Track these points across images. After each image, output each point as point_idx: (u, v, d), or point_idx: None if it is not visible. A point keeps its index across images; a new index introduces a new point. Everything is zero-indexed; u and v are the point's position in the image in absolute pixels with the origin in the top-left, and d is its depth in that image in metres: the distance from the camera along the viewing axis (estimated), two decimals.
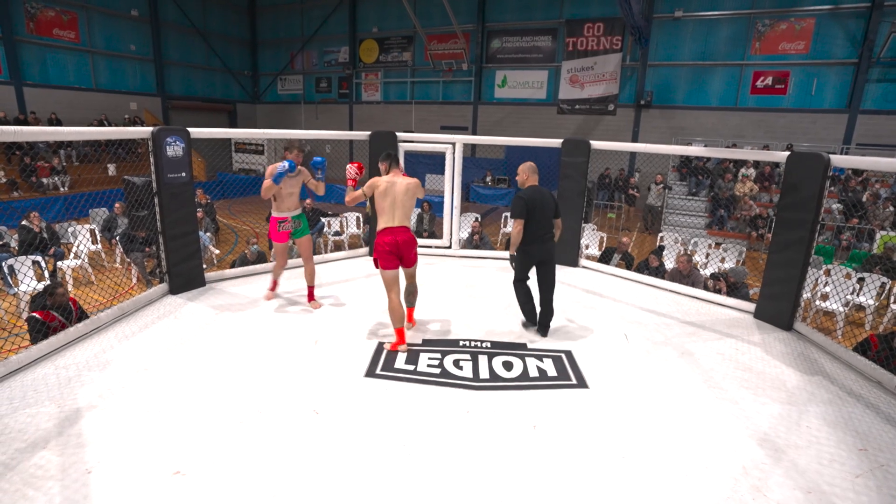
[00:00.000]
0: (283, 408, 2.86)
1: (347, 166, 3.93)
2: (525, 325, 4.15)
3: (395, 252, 3.65)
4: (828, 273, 6.90)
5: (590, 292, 5.14)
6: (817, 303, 6.58)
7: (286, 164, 3.99)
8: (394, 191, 3.66)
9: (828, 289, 6.70)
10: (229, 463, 2.38)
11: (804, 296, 4.31)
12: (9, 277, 6.20)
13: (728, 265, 7.56)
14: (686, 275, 5.71)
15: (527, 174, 4.07)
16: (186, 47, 19.15)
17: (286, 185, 4.21)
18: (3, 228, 7.90)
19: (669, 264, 7.06)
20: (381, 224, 3.68)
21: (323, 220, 9.31)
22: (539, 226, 3.90)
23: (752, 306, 4.67)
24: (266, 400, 2.93)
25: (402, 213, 3.68)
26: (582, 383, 3.26)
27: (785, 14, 13.35)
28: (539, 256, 3.95)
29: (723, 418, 2.91)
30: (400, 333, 3.63)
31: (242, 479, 2.29)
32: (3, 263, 6.22)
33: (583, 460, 2.50)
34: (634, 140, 15.32)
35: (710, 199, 11.92)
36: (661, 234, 9.36)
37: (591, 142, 5.75)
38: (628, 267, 6.42)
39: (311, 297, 4.50)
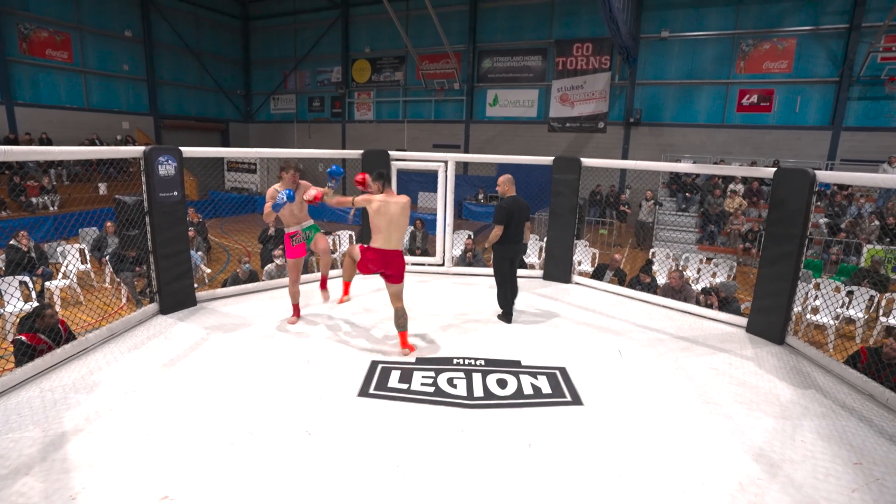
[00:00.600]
0: (274, 429, 2.81)
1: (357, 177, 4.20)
2: (500, 317, 4.72)
3: (377, 266, 3.80)
4: (817, 287, 6.97)
5: (583, 308, 5.15)
6: (808, 316, 6.62)
7: (284, 195, 3.95)
8: (389, 211, 3.72)
9: (818, 302, 6.76)
10: (219, 487, 2.33)
11: (795, 309, 4.34)
12: None
13: (719, 280, 7.62)
14: (678, 290, 5.75)
15: (507, 185, 4.68)
16: (179, 67, 19.25)
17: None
18: None
19: (661, 279, 7.10)
20: (377, 244, 3.76)
21: None
22: (514, 230, 4.60)
23: (744, 320, 4.69)
24: (257, 421, 2.88)
25: (399, 235, 3.80)
26: (577, 400, 3.25)
27: (767, 34, 13.71)
28: (511, 255, 4.68)
29: (718, 434, 2.90)
30: (346, 286, 4.24)
31: (232, 502, 2.23)
32: None
33: (579, 478, 2.47)
34: (624, 157, 15.51)
35: (700, 215, 12.07)
36: (652, 250, 9.43)
37: (582, 159, 5.82)
38: (621, 283, 6.45)
39: (323, 285, 4.58)
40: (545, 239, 6.44)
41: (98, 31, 16.37)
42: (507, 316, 4.66)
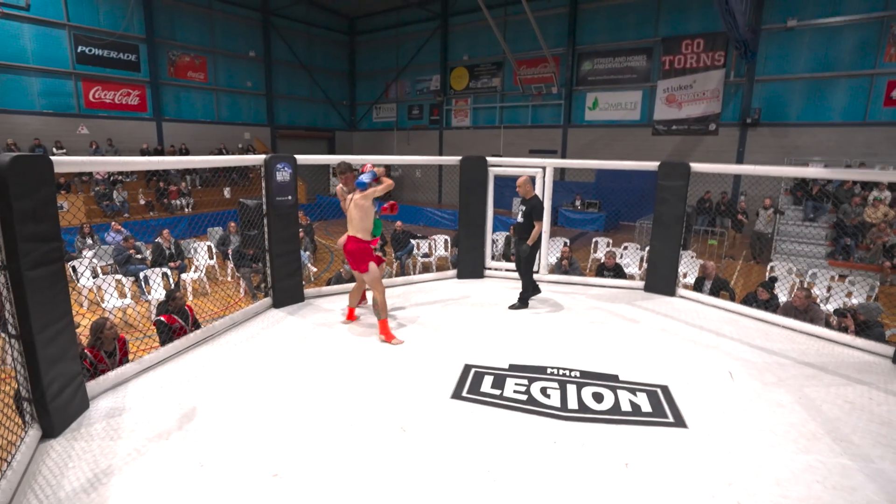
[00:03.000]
0: (372, 423, 2.95)
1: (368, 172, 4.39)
2: (526, 302, 5.16)
3: (346, 255, 4.44)
4: None
5: (689, 324, 4.78)
6: None
7: (363, 176, 4.42)
8: (349, 202, 4.38)
9: None
10: (322, 470, 2.50)
11: None
12: (143, 286, 7.11)
13: (856, 301, 6.66)
14: (802, 310, 5.11)
15: (529, 186, 5.19)
16: (293, 81, 21.09)
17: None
18: (141, 244, 9.08)
19: (783, 297, 6.36)
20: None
21: (412, 241, 9.61)
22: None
23: (890, 350, 4.06)
24: (356, 414, 3.05)
25: (353, 225, 4.37)
26: (680, 422, 3.02)
27: None
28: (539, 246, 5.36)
29: (853, 477, 2.53)
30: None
31: (334, 486, 2.38)
32: (141, 274, 7.15)
33: None
34: (739, 161, 14.16)
35: (832, 226, 10.63)
36: (771, 264, 8.49)
37: (691, 164, 5.43)
38: (731, 298, 5.88)
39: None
40: (647, 248, 6.08)
41: (228, 53, 18.48)
42: (525, 302, 5.16)
